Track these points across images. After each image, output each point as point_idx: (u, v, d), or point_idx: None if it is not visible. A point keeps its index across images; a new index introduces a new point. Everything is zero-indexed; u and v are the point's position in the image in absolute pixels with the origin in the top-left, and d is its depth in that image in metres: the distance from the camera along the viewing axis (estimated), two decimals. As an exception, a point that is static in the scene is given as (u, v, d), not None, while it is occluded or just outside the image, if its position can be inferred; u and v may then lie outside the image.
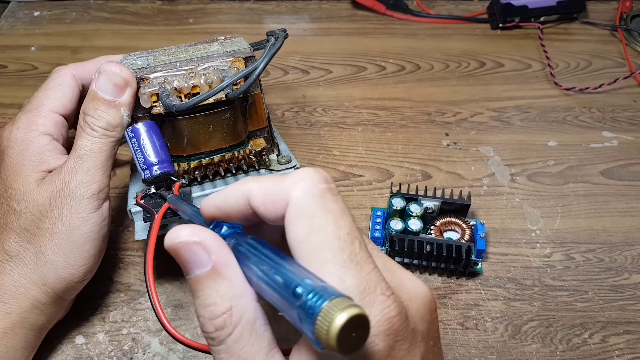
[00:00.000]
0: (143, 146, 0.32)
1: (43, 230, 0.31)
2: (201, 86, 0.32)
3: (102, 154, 0.32)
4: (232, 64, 0.33)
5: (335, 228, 0.20)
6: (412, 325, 0.21)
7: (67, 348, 0.35)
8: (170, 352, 0.35)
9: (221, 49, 0.35)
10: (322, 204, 0.20)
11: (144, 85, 0.32)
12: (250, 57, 0.34)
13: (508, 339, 0.36)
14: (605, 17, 0.63)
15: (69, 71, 0.36)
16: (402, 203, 0.40)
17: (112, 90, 0.32)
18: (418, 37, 0.61)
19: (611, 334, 0.37)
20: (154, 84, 0.32)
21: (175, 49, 0.36)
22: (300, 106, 0.52)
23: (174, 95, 0.32)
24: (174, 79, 0.32)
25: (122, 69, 0.32)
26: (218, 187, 0.36)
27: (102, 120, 0.32)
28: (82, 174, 0.31)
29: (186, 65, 0.33)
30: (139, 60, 0.35)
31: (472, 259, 0.38)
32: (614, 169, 0.47)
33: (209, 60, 0.33)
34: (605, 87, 0.54)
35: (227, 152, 0.36)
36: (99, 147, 0.32)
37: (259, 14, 0.63)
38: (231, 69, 0.33)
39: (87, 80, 0.37)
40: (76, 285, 0.33)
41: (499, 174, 0.47)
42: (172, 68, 0.33)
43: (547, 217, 0.44)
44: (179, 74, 0.32)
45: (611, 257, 0.41)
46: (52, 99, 0.35)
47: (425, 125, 0.51)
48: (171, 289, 0.38)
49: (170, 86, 0.32)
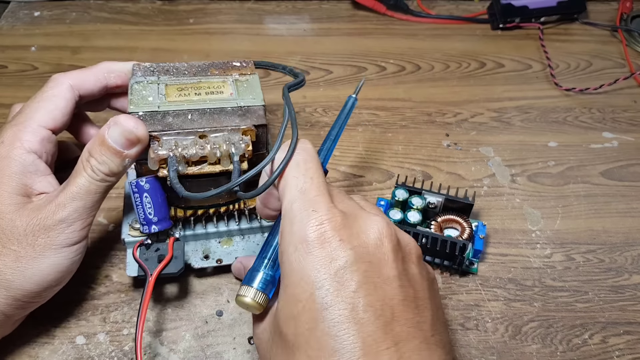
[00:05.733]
0: (145, 203, 0.33)
1: (8, 251, 0.30)
2: (209, 156, 0.32)
3: (95, 196, 0.32)
4: (243, 134, 0.33)
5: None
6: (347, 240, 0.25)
7: (68, 348, 0.35)
8: (170, 353, 0.35)
9: (235, 98, 0.35)
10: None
11: (154, 145, 0.32)
12: (261, 127, 0.33)
13: (508, 339, 0.36)
14: (606, 18, 0.63)
15: (67, 81, 0.35)
16: (404, 195, 0.41)
17: (122, 144, 0.31)
18: (418, 38, 0.61)
19: (611, 334, 0.37)
20: (165, 147, 0.32)
21: (186, 76, 0.36)
22: (301, 106, 0.52)
23: (182, 163, 0.32)
24: (185, 146, 0.32)
25: (139, 126, 0.31)
26: (209, 229, 0.38)
27: (105, 166, 0.31)
28: (71, 210, 0.31)
29: (198, 124, 0.32)
30: (150, 89, 0.34)
31: (465, 256, 0.38)
32: (614, 170, 0.47)
33: (221, 118, 0.33)
34: (606, 87, 0.54)
35: (223, 206, 0.37)
36: (95, 189, 0.32)
37: (259, 14, 0.63)
38: (241, 142, 0.32)
39: (86, 90, 0.36)
40: (27, 306, 0.32)
41: (499, 174, 0.47)
42: (183, 124, 0.32)
43: (547, 217, 0.44)
44: (189, 139, 0.32)
45: (611, 258, 0.41)
46: (43, 113, 0.34)
47: (425, 126, 0.51)
48: (171, 289, 0.38)
49: (180, 153, 0.32)
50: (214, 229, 0.38)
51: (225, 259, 0.37)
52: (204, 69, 0.37)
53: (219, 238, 0.38)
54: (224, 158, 0.32)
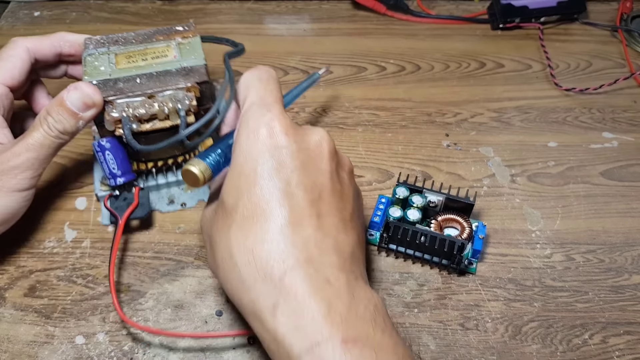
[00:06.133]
0: (108, 160, 0.38)
1: None
2: (158, 114, 0.37)
3: (48, 150, 0.36)
4: (187, 91, 0.37)
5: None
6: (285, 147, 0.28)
7: (67, 348, 0.35)
8: (170, 353, 0.35)
9: (178, 60, 0.39)
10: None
11: (109, 108, 0.36)
12: (204, 83, 0.38)
13: (508, 339, 0.36)
14: (606, 18, 0.63)
15: (25, 44, 0.39)
16: (405, 193, 0.41)
17: (79, 106, 0.35)
18: (418, 38, 0.61)
19: (611, 334, 0.37)
20: (118, 109, 0.36)
21: (134, 45, 0.40)
22: (301, 107, 0.52)
23: (135, 121, 0.37)
24: (135, 106, 0.36)
25: (96, 93, 0.36)
26: (170, 179, 0.43)
27: (60, 125, 0.35)
28: (24, 159, 0.35)
29: (146, 86, 0.37)
30: (101, 59, 0.38)
31: (463, 256, 0.38)
32: (614, 170, 0.47)
33: (166, 79, 0.37)
34: (606, 87, 0.54)
35: (179, 156, 0.42)
36: (49, 144, 0.36)
37: (259, 14, 0.63)
38: (186, 98, 0.37)
39: (42, 55, 0.41)
40: None
41: (499, 174, 0.47)
42: (133, 88, 0.37)
43: (547, 217, 0.44)
44: (139, 100, 0.37)
45: (611, 258, 0.41)
46: (1, 71, 0.38)
47: (425, 126, 0.51)
48: (171, 289, 0.38)
49: (132, 113, 0.36)
50: (174, 178, 0.43)
51: (189, 202, 0.43)
52: (150, 36, 0.41)
53: (182, 185, 0.44)
54: (172, 114, 0.37)
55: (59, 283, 0.39)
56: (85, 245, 0.41)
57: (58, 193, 0.44)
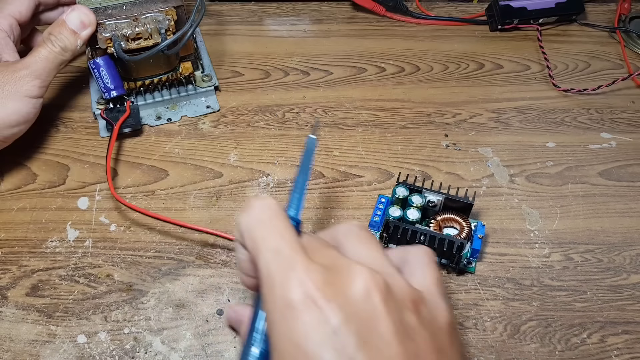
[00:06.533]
0: (102, 75, 0.46)
1: None
2: (143, 33, 0.44)
3: (52, 64, 0.42)
4: (166, 14, 0.45)
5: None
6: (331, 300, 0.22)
7: (69, 347, 0.35)
8: (171, 352, 0.35)
9: None
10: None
11: (100, 29, 0.43)
12: (179, 7, 0.45)
13: (507, 338, 0.37)
14: (604, 19, 0.64)
15: None
16: (405, 192, 0.41)
17: (77, 25, 0.42)
18: (417, 39, 0.61)
19: (609, 333, 0.37)
20: (108, 30, 0.43)
21: None
22: (301, 107, 0.53)
23: (123, 40, 0.44)
24: (123, 27, 0.44)
25: (90, 14, 0.43)
26: (157, 98, 0.51)
27: (62, 42, 0.42)
28: (34, 69, 0.42)
29: (131, 11, 0.44)
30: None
31: (462, 255, 0.38)
32: (612, 170, 0.48)
33: (148, 5, 0.45)
34: (604, 88, 0.55)
35: (164, 75, 0.49)
36: (53, 58, 0.42)
37: (259, 15, 0.64)
38: (165, 19, 0.44)
39: (45, 0, 0.48)
40: None
41: (498, 174, 0.47)
42: (120, 13, 0.44)
43: (545, 217, 0.44)
44: (125, 21, 0.44)
45: (609, 258, 0.41)
46: (13, 5, 0.45)
47: (424, 126, 0.51)
48: (173, 288, 0.38)
49: (120, 33, 0.44)
50: (160, 98, 0.51)
51: (173, 118, 0.51)
52: None
53: (167, 105, 0.51)
54: (154, 33, 0.44)
55: (61, 282, 0.39)
56: (87, 244, 0.41)
57: (60, 193, 0.44)
